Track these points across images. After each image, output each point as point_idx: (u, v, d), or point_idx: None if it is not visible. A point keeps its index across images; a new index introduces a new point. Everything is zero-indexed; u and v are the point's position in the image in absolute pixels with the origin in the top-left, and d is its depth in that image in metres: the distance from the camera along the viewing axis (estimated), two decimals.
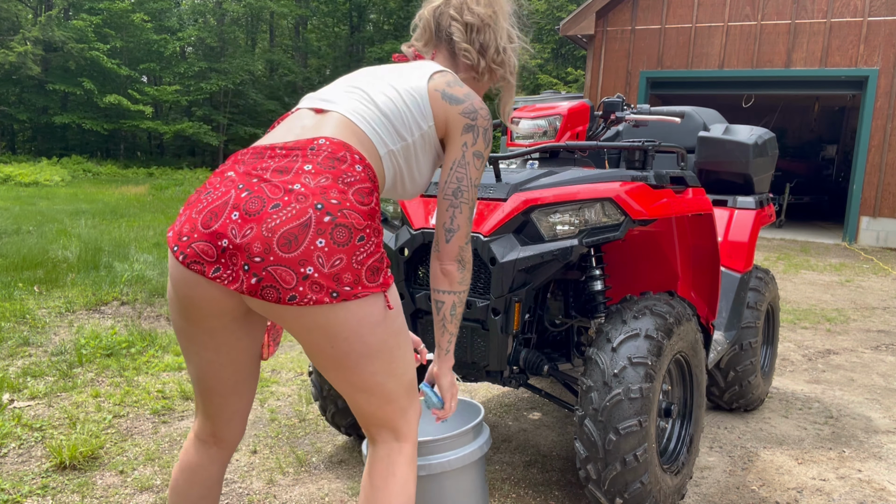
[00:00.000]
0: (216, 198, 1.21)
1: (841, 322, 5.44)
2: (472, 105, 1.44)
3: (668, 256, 2.47)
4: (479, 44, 1.55)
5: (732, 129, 3.18)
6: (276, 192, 1.18)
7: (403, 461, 1.39)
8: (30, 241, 6.97)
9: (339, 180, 1.21)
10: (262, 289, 1.15)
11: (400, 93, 1.41)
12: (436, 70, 1.47)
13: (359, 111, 1.36)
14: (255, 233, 1.14)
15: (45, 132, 26.00)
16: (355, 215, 1.20)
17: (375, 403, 1.35)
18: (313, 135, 1.30)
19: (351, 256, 1.18)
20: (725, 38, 12.22)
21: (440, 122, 1.43)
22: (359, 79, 1.47)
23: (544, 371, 2.21)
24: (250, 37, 31.92)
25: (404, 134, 1.39)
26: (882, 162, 11.43)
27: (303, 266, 1.14)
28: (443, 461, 1.77)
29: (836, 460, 2.78)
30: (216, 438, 1.50)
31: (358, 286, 1.19)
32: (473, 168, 1.43)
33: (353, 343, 1.24)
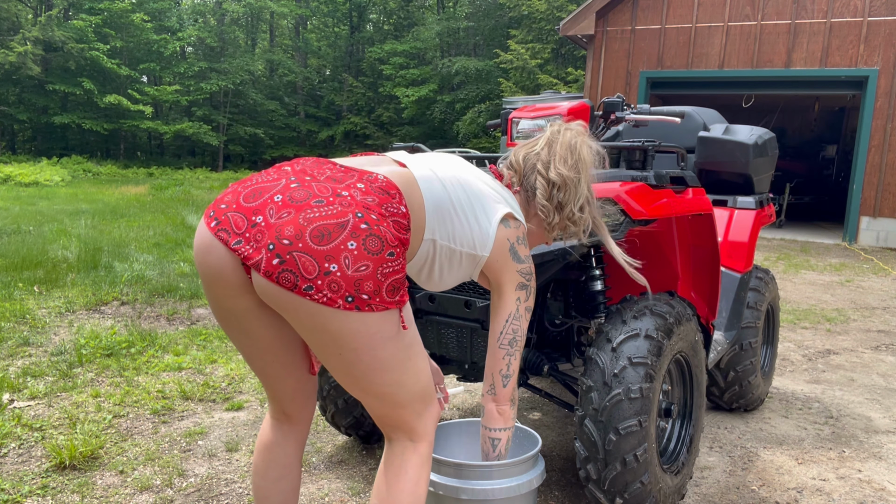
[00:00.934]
0: (265, 181, 1.26)
1: (841, 322, 5.44)
2: (529, 268, 1.51)
3: (668, 256, 2.47)
4: (557, 201, 1.57)
5: (732, 129, 3.18)
6: (323, 192, 1.21)
7: (417, 460, 1.39)
8: (30, 241, 6.97)
9: (383, 206, 1.24)
10: (281, 271, 1.15)
11: (475, 209, 1.42)
12: (513, 216, 1.48)
13: (432, 189, 1.37)
14: (291, 218, 1.16)
15: (45, 132, 26.00)
16: (390, 234, 1.22)
17: (388, 407, 1.35)
18: (375, 171, 1.33)
19: (378, 267, 1.18)
20: (725, 38, 12.22)
21: (494, 264, 1.46)
22: (442, 165, 1.46)
23: (544, 371, 2.21)
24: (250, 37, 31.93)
25: (457, 241, 1.41)
26: (882, 162, 11.43)
27: (328, 261, 1.14)
28: (495, 488, 1.76)
29: (836, 460, 2.78)
30: (286, 416, 1.54)
31: (376, 297, 1.19)
32: (524, 321, 1.53)
33: (361, 355, 1.23)
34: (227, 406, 3.11)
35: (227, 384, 3.39)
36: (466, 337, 2.13)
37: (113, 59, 24.49)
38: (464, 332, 2.13)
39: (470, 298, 2.08)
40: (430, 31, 25.78)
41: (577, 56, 21.84)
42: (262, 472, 1.55)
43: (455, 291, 2.14)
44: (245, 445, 2.70)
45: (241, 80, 27.11)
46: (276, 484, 1.55)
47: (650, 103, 13.38)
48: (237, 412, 3.05)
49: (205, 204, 12.50)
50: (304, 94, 31.09)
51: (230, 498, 2.29)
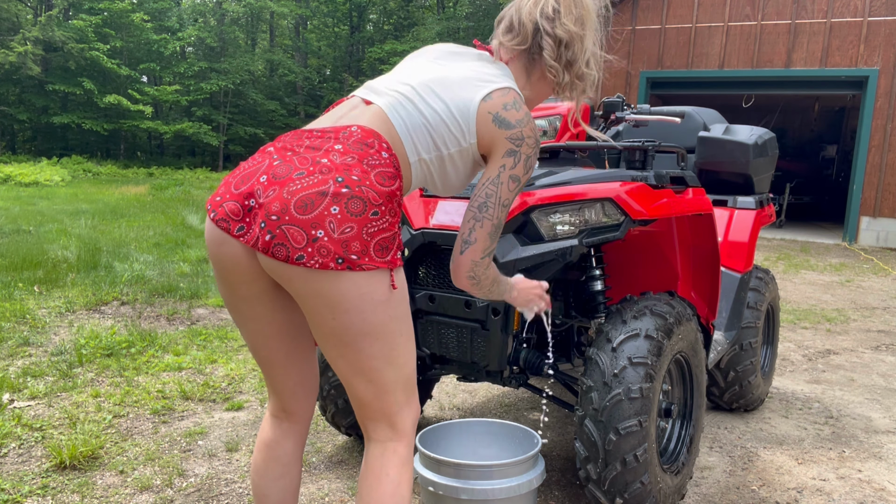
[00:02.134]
0: (251, 166, 1.32)
1: (841, 322, 5.44)
2: (521, 132, 1.43)
3: (668, 256, 2.47)
4: (565, 59, 1.54)
5: (732, 129, 3.18)
6: (303, 163, 1.27)
7: (397, 461, 1.38)
8: (30, 241, 6.97)
9: (363, 161, 1.28)
10: (273, 246, 1.21)
11: (449, 107, 1.41)
12: (498, 87, 1.44)
13: (401, 113, 1.39)
14: (276, 194, 1.22)
15: (45, 132, 26.00)
16: (373, 193, 1.25)
17: (373, 392, 1.35)
18: (348, 122, 1.37)
19: (362, 227, 1.23)
20: (725, 38, 12.22)
21: (484, 141, 1.44)
22: (416, 74, 1.46)
23: (544, 371, 2.21)
24: (250, 37, 31.93)
25: (440, 146, 1.42)
26: (882, 162, 11.43)
27: (314, 228, 1.20)
28: (495, 488, 1.76)
29: (836, 460, 2.78)
30: (286, 413, 1.55)
31: (365, 257, 1.23)
32: (506, 189, 1.43)
33: (353, 317, 1.26)
34: (227, 406, 3.11)
35: (227, 384, 3.39)
36: (466, 337, 2.13)
37: (113, 59, 24.49)
38: (464, 332, 2.13)
39: (470, 298, 2.08)
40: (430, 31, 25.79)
41: None
42: (262, 471, 1.55)
43: (455, 291, 2.14)
44: (245, 445, 2.70)
45: (241, 80, 27.12)
46: (276, 482, 1.55)
47: (650, 103, 13.38)
48: (237, 412, 3.05)
49: (205, 204, 12.50)
50: (304, 94, 31.09)
51: (230, 498, 2.29)
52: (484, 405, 3.28)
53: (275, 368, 1.50)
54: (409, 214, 2.19)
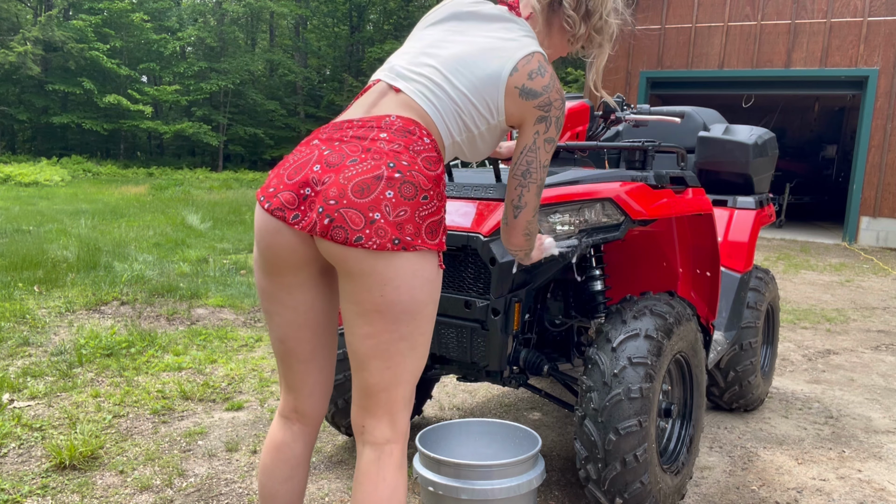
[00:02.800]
0: (301, 157, 1.36)
1: (841, 322, 5.44)
2: (549, 98, 1.45)
3: (668, 256, 2.47)
4: (585, 9, 1.54)
5: (732, 129, 3.18)
6: (354, 151, 1.32)
7: (393, 465, 1.38)
8: (29, 241, 6.97)
9: (409, 148, 1.33)
10: (332, 229, 1.26)
11: (477, 87, 1.43)
12: (522, 56, 1.44)
13: (431, 100, 1.42)
14: (332, 180, 1.28)
15: (45, 132, 26.00)
16: (422, 178, 1.31)
17: (386, 380, 1.36)
18: (384, 112, 1.40)
19: (415, 211, 1.29)
20: (725, 38, 12.22)
21: (513, 115, 1.47)
22: (437, 49, 1.47)
23: (544, 371, 2.21)
24: (250, 37, 31.92)
25: (470, 126, 1.45)
26: (882, 162, 11.43)
27: (371, 211, 1.25)
28: (495, 488, 1.76)
29: (836, 460, 2.78)
30: (298, 414, 1.55)
31: (418, 238, 1.29)
32: (543, 152, 1.49)
33: (402, 293, 1.30)
34: (227, 406, 3.11)
35: (227, 384, 3.39)
36: (466, 337, 2.13)
37: (113, 58, 24.49)
38: (464, 332, 2.13)
39: (470, 298, 2.08)
40: None
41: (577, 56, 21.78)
42: (270, 472, 1.55)
43: (455, 291, 2.14)
44: (245, 445, 2.70)
45: (240, 80, 27.11)
46: (283, 484, 1.55)
47: (650, 103, 13.38)
48: (237, 412, 3.05)
49: (205, 204, 12.50)
50: (304, 94, 31.08)
51: (230, 498, 2.29)
52: (484, 405, 3.28)
53: (298, 363, 1.51)
54: None
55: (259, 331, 4.39)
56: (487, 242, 2.00)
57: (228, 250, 7.48)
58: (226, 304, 4.94)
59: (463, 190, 2.12)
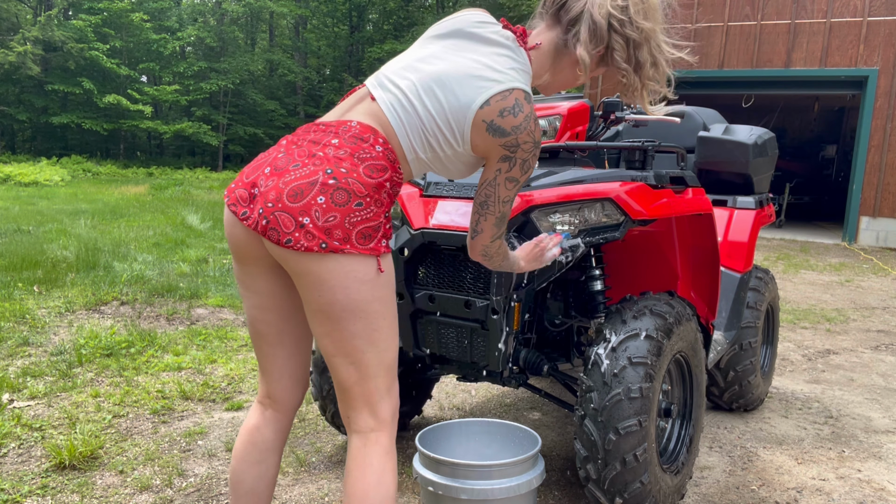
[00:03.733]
0: (262, 158, 1.45)
1: (841, 322, 5.44)
2: (517, 139, 1.42)
3: (668, 256, 2.47)
4: (635, 60, 1.50)
5: (732, 129, 3.18)
6: (301, 156, 1.38)
7: (380, 450, 1.42)
8: (29, 241, 6.97)
9: (354, 155, 1.37)
10: (268, 230, 1.32)
11: (445, 111, 1.42)
12: (499, 91, 1.41)
13: (399, 112, 1.44)
14: (274, 184, 1.34)
15: (45, 132, 26.00)
16: (359, 185, 1.34)
17: (356, 375, 1.41)
18: (350, 117, 1.46)
19: (345, 217, 1.32)
20: (725, 38, 12.22)
21: (478, 147, 1.45)
22: (423, 65, 1.47)
23: (544, 371, 2.21)
24: (250, 37, 31.92)
25: (435, 147, 1.47)
26: (882, 162, 11.43)
27: (301, 216, 1.30)
28: (495, 488, 1.76)
29: (836, 460, 2.78)
30: (271, 399, 1.61)
31: (346, 244, 1.32)
32: (504, 189, 1.49)
33: (337, 293, 1.34)
34: (226, 406, 3.11)
35: (227, 384, 3.39)
36: (466, 337, 2.13)
37: (112, 58, 24.49)
38: (464, 332, 2.13)
39: (470, 298, 2.08)
40: None
41: None
42: (240, 455, 1.61)
43: (455, 291, 2.14)
44: None
45: (240, 80, 27.11)
46: (252, 468, 1.60)
47: None
48: (237, 412, 3.05)
49: (204, 204, 12.51)
50: (304, 94, 31.08)
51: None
52: (484, 405, 3.28)
53: (266, 345, 1.57)
54: (409, 215, 2.19)
55: None
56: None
57: (228, 250, 7.48)
58: (225, 304, 4.94)
59: (463, 190, 2.12)
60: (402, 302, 2.21)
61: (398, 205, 2.28)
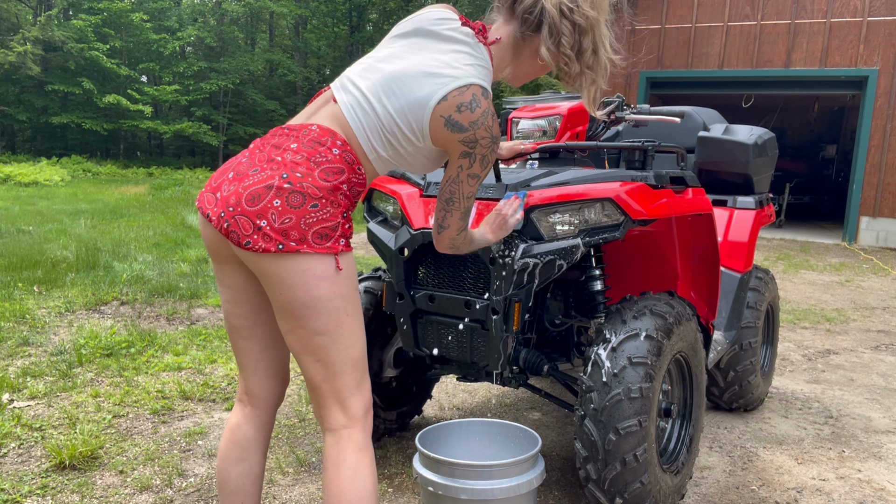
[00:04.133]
0: (230, 162, 1.49)
1: (841, 322, 5.44)
2: (475, 135, 1.45)
3: (668, 256, 2.47)
4: (579, 46, 1.53)
5: (732, 129, 3.18)
6: (261, 161, 1.43)
7: (353, 446, 1.44)
8: (29, 241, 6.97)
9: (311, 159, 1.41)
10: (229, 233, 1.38)
11: (404, 109, 1.46)
12: (456, 86, 1.44)
13: (357, 114, 1.48)
14: (234, 189, 1.40)
15: (45, 132, 25.99)
16: (313, 188, 1.38)
17: (322, 373, 1.44)
18: (313, 121, 1.50)
19: (300, 218, 1.36)
20: (725, 38, 12.22)
21: (438, 142, 1.49)
22: (383, 65, 1.51)
23: (544, 371, 2.21)
24: (250, 37, 31.91)
25: (395, 145, 1.50)
26: (882, 162, 11.43)
27: (259, 219, 1.36)
28: (495, 488, 1.76)
29: (836, 460, 2.78)
30: (249, 396, 1.63)
31: (303, 244, 1.36)
32: (466, 185, 1.53)
33: (297, 291, 1.38)
34: (226, 406, 3.11)
35: (227, 384, 3.39)
36: (466, 337, 2.13)
37: (112, 58, 24.47)
38: (463, 332, 2.13)
39: (470, 298, 2.08)
40: None
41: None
42: (223, 454, 1.62)
43: (455, 291, 2.14)
44: None
45: (240, 80, 27.10)
46: (235, 466, 1.61)
47: (650, 103, 13.38)
48: None
49: None
50: (304, 94, 31.06)
51: None
52: (484, 405, 3.28)
53: (241, 339, 1.60)
54: (409, 215, 2.19)
55: None
56: None
57: None
58: None
59: None
60: (402, 302, 2.21)
61: (398, 205, 2.28)
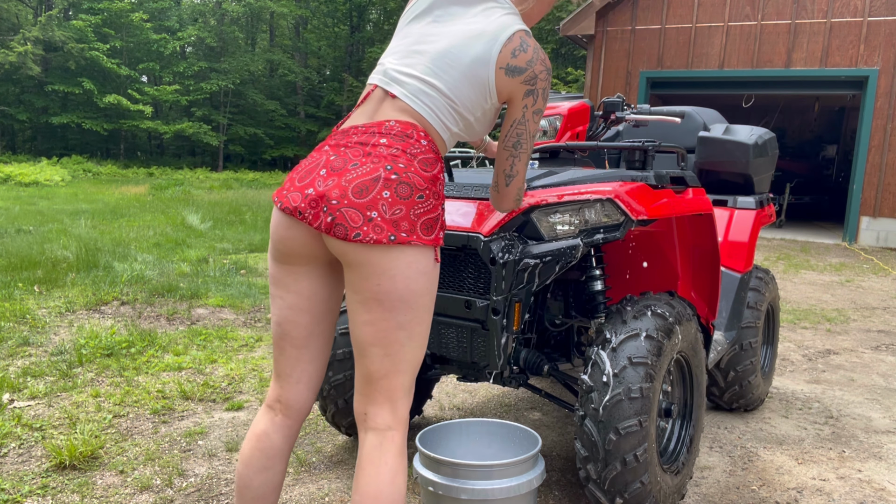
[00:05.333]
0: (311, 163, 1.50)
1: (841, 322, 5.44)
2: (534, 72, 1.53)
3: (668, 256, 2.47)
4: None
5: (732, 129, 3.18)
6: (356, 155, 1.44)
7: (395, 450, 1.45)
8: (30, 241, 6.97)
9: (407, 151, 1.44)
10: (334, 226, 1.38)
11: (466, 76, 1.50)
12: (506, 37, 1.50)
13: (424, 101, 1.51)
14: (335, 183, 1.40)
15: (45, 132, 26.00)
16: (418, 178, 1.42)
17: (386, 367, 1.44)
18: (385, 117, 1.51)
19: (410, 209, 1.39)
20: (725, 38, 12.22)
21: (503, 93, 1.54)
22: (424, 46, 1.54)
23: (544, 371, 2.21)
24: (250, 37, 31.91)
25: (466, 115, 1.54)
26: (882, 162, 11.43)
27: (369, 210, 1.37)
28: (495, 488, 1.76)
29: (836, 460, 2.78)
30: (282, 404, 1.60)
31: (413, 234, 1.39)
32: (532, 123, 1.58)
33: (397, 283, 1.40)
34: (227, 406, 3.11)
35: (227, 384, 3.39)
36: (466, 337, 2.13)
37: (113, 58, 24.50)
38: (464, 332, 2.13)
39: (470, 298, 2.08)
40: None
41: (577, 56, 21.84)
42: (247, 460, 1.60)
43: (455, 291, 2.14)
44: None
45: (240, 80, 27.11)
46: (259, 475, 1.59)
47: (650, 103, 13.38)
48: (237, 412, 3.05)
49: (205, 204, 12.51)
50: (304, 94, 31.08)
51: (230, 498, 2.29)
52: (484, 405, 3.28)
53: (292, 347, 1.58)
54: None
55: (259, 331, 4.39)
56: (487, 242, 2.00)
57: (228, 250, 7.48)
58: (226, 303, 4.94)
59: (463, 190, 2.12)
60: None
61: None
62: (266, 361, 3.77)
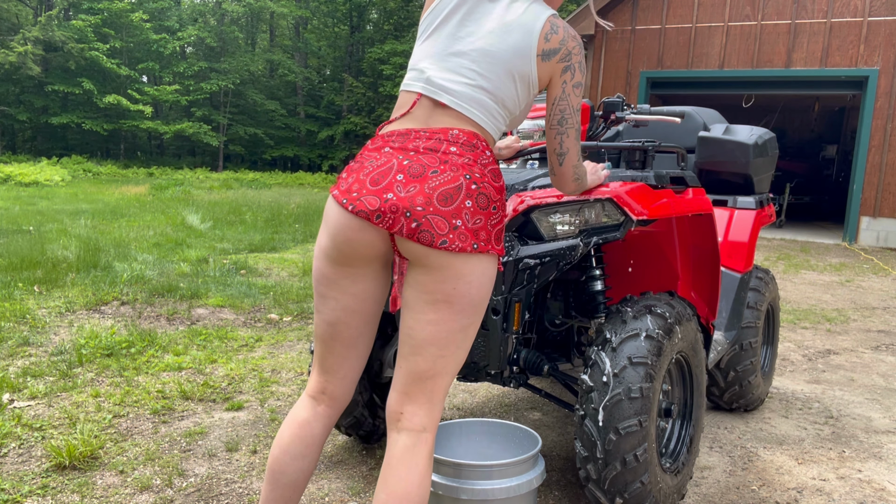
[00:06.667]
0: (379, 165, 1.48)
1: (841, 322, 5.44)
2: (567, 48, 1.56)
3: (668, 256, 2.47)
4: None
5: (732, 129, 3.18)
6: (433, 162, 1.45)
7: (426, 452, 1.47)
8: (30, 241, 6.97)
9: (478, 161, 1.48)
10: (419, 232, 1.41)
11: (509, 71, 1.53)
12: (538, 29, 1.53)
13: (475, 109, 1.53)
14: (418, 190, 1.42)
15: (45, 132, 26.01)
16: (492, 189, 1.47)
17: (437, 367, 1.48)
18: (445, 125, 1.52)
19: (488, 219, 1.45)
20: (725, 38, 12.22)
21: (544, 80, 1.58)
22: (462, 47, 1.55)
23: (544, 371, 2.21)
24: (250, 37, 31.92)
25: (513, 110, 1.59)
26: (882, 162, 11.43)
27: (454, 218, 1.41)
28: (495, 488, 1.76)
29: (836, 460, 2.78)
30: (327, 396, 1.65)
31: (490, 244, 1.45)
32: (574, 97, 1.60)
33: (472, 287, 1.45)
34: (227, 406, 3.11)
35: (227, 384, 3.39)
36: None
37: (113, 58, 24.50)
38: None
39: None
40: None
41: None
42: (286, 447, 1.61)
43: None
44: (245, 445, 2.70)
45: (240, 80, 27.12)
46: (295, 461, 1.61)
47: (650, 103, 13.38)
48: (237, 412, 3.05)
49: (205, 204, 12.50)
50: (304, 94, 31.08)
51: (230, 498, 2.29)
52: (484, 405, 3.28)
53: (342, 346, 1.62)
54: None
55: (259, 331, 4.39)
56: None
57: (228, 250, 7.48)
58: (226, 304, 4.94)
59: None
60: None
61: None
62: (266, 361, 3.77)
